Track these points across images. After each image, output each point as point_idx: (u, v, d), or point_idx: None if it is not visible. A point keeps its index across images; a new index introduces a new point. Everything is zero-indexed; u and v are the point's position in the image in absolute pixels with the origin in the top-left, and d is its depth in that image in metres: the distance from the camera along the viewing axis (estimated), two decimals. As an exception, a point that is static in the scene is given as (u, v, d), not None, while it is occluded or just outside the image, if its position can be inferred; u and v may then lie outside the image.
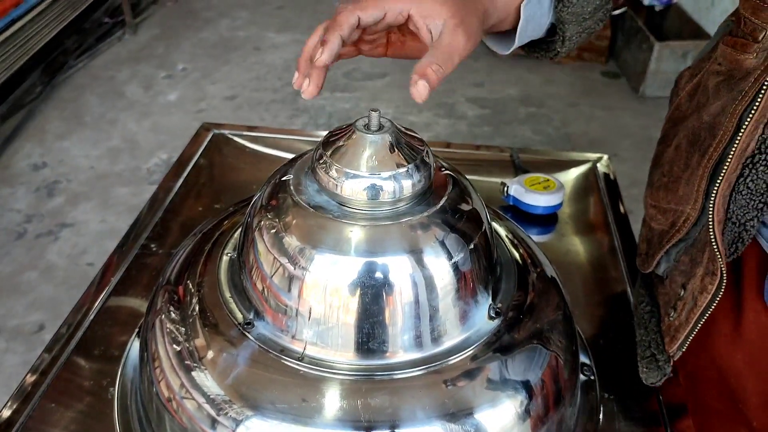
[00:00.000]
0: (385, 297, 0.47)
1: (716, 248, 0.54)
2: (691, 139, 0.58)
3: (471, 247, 0.50)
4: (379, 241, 0.47)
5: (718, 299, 0.55)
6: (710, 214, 0.54)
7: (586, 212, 0.89)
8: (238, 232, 0.57)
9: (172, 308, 0.54)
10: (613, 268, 0.79)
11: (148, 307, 0.58)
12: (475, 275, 0.50)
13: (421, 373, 0.48)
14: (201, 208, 0.86)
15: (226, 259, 0.56)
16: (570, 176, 0.94)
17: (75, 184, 2.27)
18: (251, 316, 0.51)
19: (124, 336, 0.67)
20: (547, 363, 0.52)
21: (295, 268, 0.47)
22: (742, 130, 0.51)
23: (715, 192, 0.53)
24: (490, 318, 0.51)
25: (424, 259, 0.47)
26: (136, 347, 0.64)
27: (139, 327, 0.66)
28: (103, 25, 3.21)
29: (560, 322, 0.56)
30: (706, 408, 0.65)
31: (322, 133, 0.56)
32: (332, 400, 0.47)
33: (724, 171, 0.52)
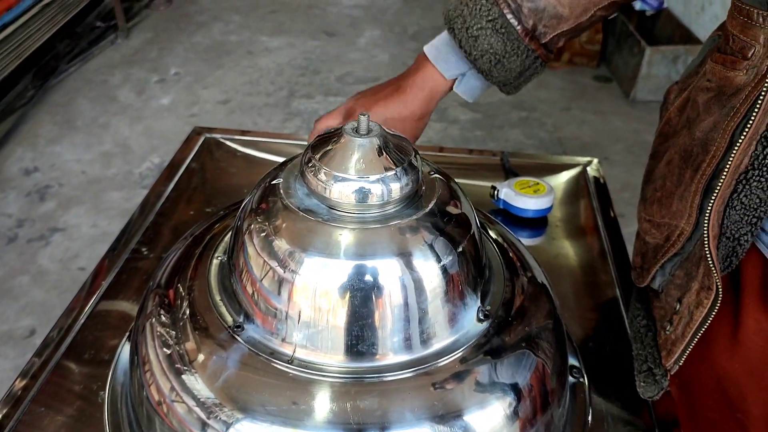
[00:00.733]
0: (374, 300, 0.47)
1: (711, 263, 0.53)
2: (684, 155, 0.57)
3: (460, 250, 0.50)
4: (368, 244, 0.47)
5: (714, 313, 0.54)
6: (705, 229, 0.53)
7: (576, 216, 0.89)
8: (229, 235, 0.57)
9: (162, 312, 0.54)
10: (603, 272, 0.80)
11: (138, 311, 0.58)
12: (463, 278, 0.51)
13: (411, 375, 0.48)
14: (192, 212, 0.86)
15: (216, 262, 0.57)
16: (560, 180, 0.94)
17: (67, 188, 2.26)
18: (241, 319, 0.51)
19: (114, 340, 0.67)
20: (536, 365, 0.52)
21: (284, 271, 0.48)
22: (736, 147, 0.50)
23: (709, 208, 0.53)
24: (479, 321, 0.51)
25: (413, 262, 0.48)
26: (126, 351, 0.64)
27: (130, 331, 0.66)
28: (96, 29, 3.20)
29: (549, 325, 0.56)
30: (702, 419, 0.64)
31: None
32: (322, 402, 0.47)
33: (719, 187, 0.52)
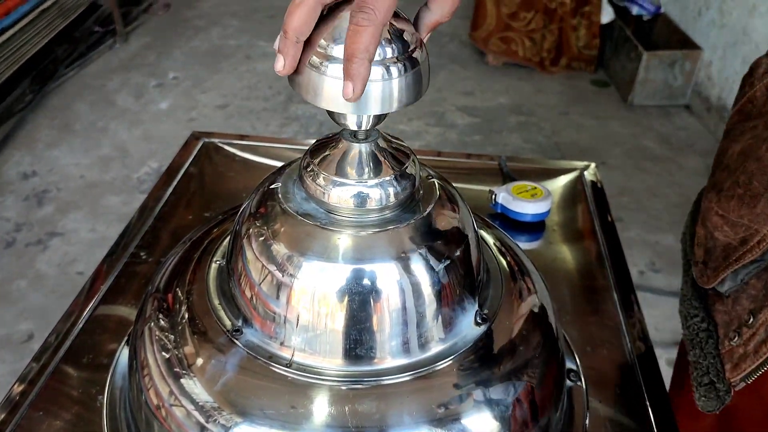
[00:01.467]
0: (372, 304, 0.47)
1: None
2: None
3: (458, 253, 0.50)
4: (367, 249, 0.48)
5: None
6: None
7: (574, 220, 0.90)
8: (227, 239, 0.57)
9: (161, 316, 0.54)
10: (600, 276, 0.80)
11: (137, 315, 0.58)
12: (461, 282, 0.51)
13: (409, 378, 0.48)
14: (191, 217, 0.87)
15: (215, 266, 0.57)
16: (558, 184, 0.95)
17: (65, 192, 2.26)
18: (240, 323, 0.51)
19: (113, 344, 0.67)
20: (534, 369, 0.52)
21: (283, 275, 0.48)
22: None
23: None
24: (477, 324, 0.52)
25: (411, 266, 0.48)
26: (125, 355, 0.64)
27: (128, 335, 0.66)
28: (94, 34, 3.21)
29: (547, 329, 0.56)
30: None
31: (312, 142, 0.56)
32: (320, 406, 0.47)
33: None
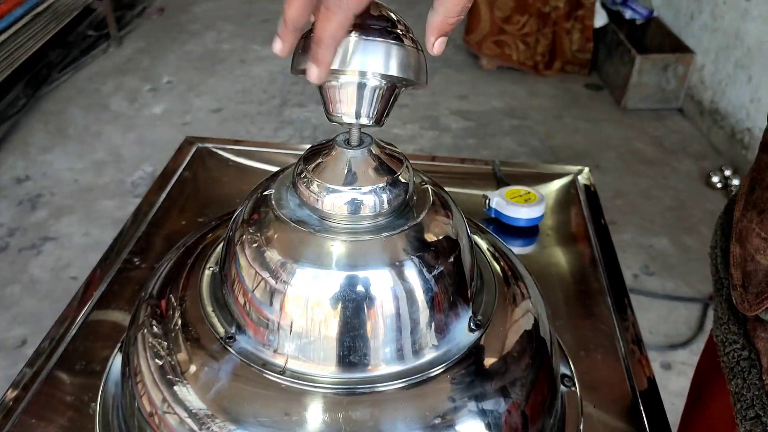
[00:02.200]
0: (366, 310, 0.47)
1: None
2: None
3: (451, 260, 0.50)
4: (360, 255, 0.48)
5: None
6: None
7: (568, 224, 0.90)
8: (221, 246, 0.57)
9: (154, 322, 0.54)
10: (594, 280, 0.80)
11: (130, 322, 0.58)
12: (455, 288, 0.51)
13: (403, 385, 0.48)
14: (185, 222, 0.86)
15: (208, 273, 0.57)
16: (551, 188, 0.95)
17: (58, 197, 2.26)
18: (233, 330, 0.51)
19: (106, 350, 0.67)
20: (528, 374, 0.52)
21: (276, 282, 0.48)
22: None
23: None
24: (471, 330, 0.52)
25: (405, 273, 0.48)
26: (118, 362, 0.64)
27: (122, 341, 0.65)
28: (88, 38, 3.20)
29: (541, 334, 0.56)
30: None
31: (307, 146, 0.56)
32: (314, 413, 0.47)
33: None
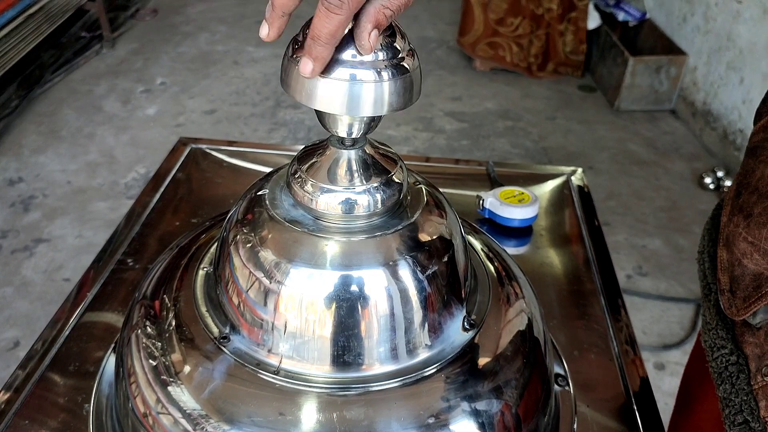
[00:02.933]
0: (360, 310, 0.47)
1: None
2: None
3: (445, 259, 0.50)
4: (354, 255, 0.48)
5: None
6: None
7: (561, 225, 0.90)
8: (215, 246, 0.57)
9: (148, 323, 0.54)
10: (588, 280, 0.80)
11: (124, 322, 0.58)
12: (449, 288, 0.51)
13: (397, 385, 0.48)
14: (178, 223, 0.86)
15: (202, 273, 0.56)
16: (545, 189, 0.95)
17: (51, 198, 2.25)
18: (227, 330, 0.51)
19: (99, 351, 0.66)
20: (521, 374, 0.52)
21: (270, 282, 0.48)
22: None
23: None
24: (465, 330, 0.52)
25: (399, 272, 0.48)
26: (111, 363, 0.64)
27: (115, 342, 0.65)
28: (81, 39, 3.19)
29: (534, 334, 0.56)
30: None
31: (300, 147, 0.56)
32: (308, 413, 0.47)
33: None
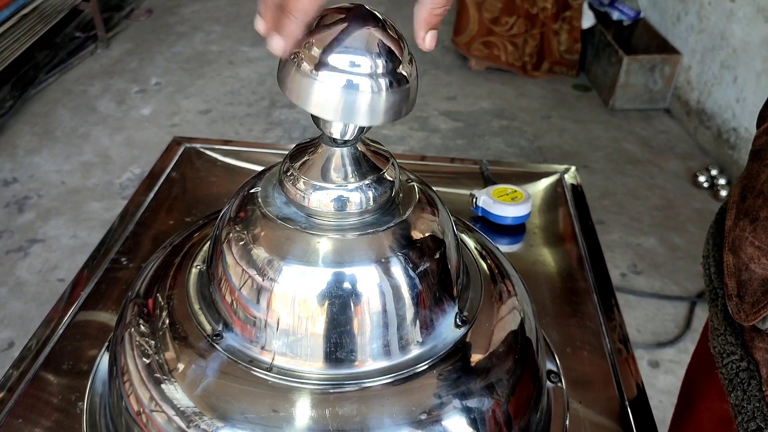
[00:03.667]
0: (352, 307, 0.47)
1: None
2: None
3: (437, 256, 0.51)
4: (347, 252, 0.48)
5: None
6: None
7: (554, 223, 0.90)
8: (208, 244, 0.57)
9: (141, 321, 0.54)
10: (581, 278, 0.81)
11: (117, 321, 0.58)
12: (441, 284, 0.51)
13: (389, 381, 0.48)
14: (172, 222, 0.86)
15: (195, 271, 0.57)
16: (538, 187, 0.96)
17: (46, 199, 2.24)
18: (220, 327, 0.51)
19: (93, 350, 0.66)
20: (514, 370, 0.53)
21: (263, 279, 0.48)
22: None
23: None
24: (457, 326, 0.52)
25: (391, 269, 0.48)
26: (105, 361, 0.64)
27: (109, 341, 0.65)
28: (75, 40, 3.18)
29: (527, 331, 0.57)
30: None
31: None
32: (301, 409, 0.47)
33: None
